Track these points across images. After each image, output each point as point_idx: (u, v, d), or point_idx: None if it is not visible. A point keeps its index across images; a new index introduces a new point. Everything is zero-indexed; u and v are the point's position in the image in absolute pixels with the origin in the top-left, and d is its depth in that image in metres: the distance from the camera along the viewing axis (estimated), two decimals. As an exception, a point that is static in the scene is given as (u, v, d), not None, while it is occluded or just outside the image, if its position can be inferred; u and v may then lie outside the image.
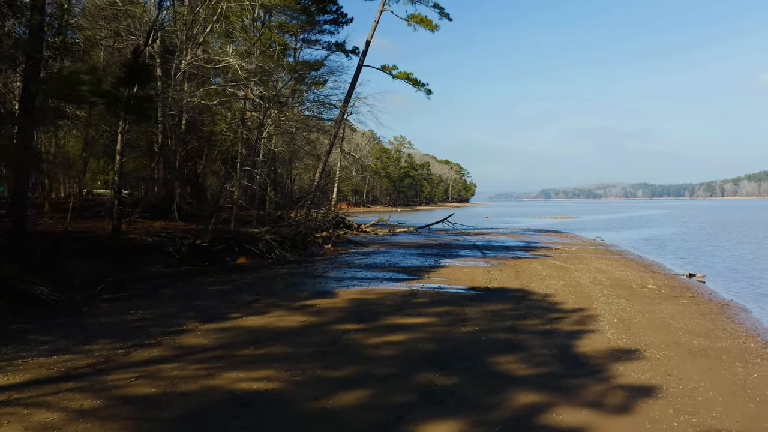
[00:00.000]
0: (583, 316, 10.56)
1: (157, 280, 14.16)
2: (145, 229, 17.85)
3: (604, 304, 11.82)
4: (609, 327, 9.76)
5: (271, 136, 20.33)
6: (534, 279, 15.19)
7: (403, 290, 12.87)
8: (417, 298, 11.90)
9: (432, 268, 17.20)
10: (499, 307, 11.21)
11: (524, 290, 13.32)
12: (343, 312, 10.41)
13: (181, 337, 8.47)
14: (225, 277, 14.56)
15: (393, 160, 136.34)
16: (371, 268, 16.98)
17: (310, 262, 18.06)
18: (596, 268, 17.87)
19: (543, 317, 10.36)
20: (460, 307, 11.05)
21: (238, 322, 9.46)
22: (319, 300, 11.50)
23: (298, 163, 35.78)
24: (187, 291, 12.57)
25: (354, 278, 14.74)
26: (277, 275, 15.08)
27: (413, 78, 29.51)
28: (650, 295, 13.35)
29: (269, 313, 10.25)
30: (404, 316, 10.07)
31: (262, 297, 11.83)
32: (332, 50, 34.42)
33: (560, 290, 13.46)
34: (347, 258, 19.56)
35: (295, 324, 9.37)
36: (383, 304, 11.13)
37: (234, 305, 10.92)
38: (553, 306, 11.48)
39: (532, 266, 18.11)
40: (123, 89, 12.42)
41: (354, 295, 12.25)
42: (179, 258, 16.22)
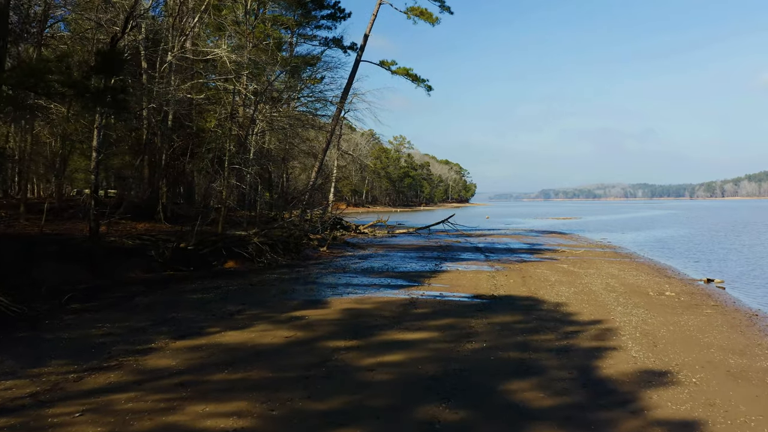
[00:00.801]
0: (602, 330, 9.50)
1: (136, 286, 13.09)
2: (127, 231, 16.77)
3: (623, 315, 10.76)
4: (632, 343, 8.70)
5: (263, 132, 19.26)
6: (542, 285, 14.13)
7: (401, 299, 11.80)
8: (417, 308, 10.83)
9: (433, 273, 16.13)
10: (507, 318, 10.14)
11: (533, 298, 12.25)
12: (335, 325, 9.34)
13: (146, 358, 7.39)
14: (210, 284, 13.49)
15: (392, 160, 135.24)
16: (368, 273, 15.91)
17: (304, 267, 16.99)
18: (608, 273, 16.81)
19: (557, 331, 9.29)
20: (465, 318, 9.98)
21: (215, 338, 8.38)
22: (308, 311, 10.43)
23: (294, 162, 34.70)
24: (166, 300, 11.50)
25: (349, 285, 13.67)
26: (267, 281, 14.01)
27: (413, 74, 28.43)
28: (670, 303, 12.30)
29: (252, 326, 9.18)
30: (402, 331, 9.00)
31: (246, 307, 10.75)
32: (329, 46, 33.39)
33: (572, 298, 12.39)
34: (343, 262, 18.48)
35: (279, 341, 8.29)
36: (379, 316, 10.06)
37: (214, 317, 9.84)
38: (567, 317, 10.42)
39: (539, 271, 17.05)
40: (96, 79, 11.36)
41: (348, 304, 11.18)
42: (162, 262, 15.16)
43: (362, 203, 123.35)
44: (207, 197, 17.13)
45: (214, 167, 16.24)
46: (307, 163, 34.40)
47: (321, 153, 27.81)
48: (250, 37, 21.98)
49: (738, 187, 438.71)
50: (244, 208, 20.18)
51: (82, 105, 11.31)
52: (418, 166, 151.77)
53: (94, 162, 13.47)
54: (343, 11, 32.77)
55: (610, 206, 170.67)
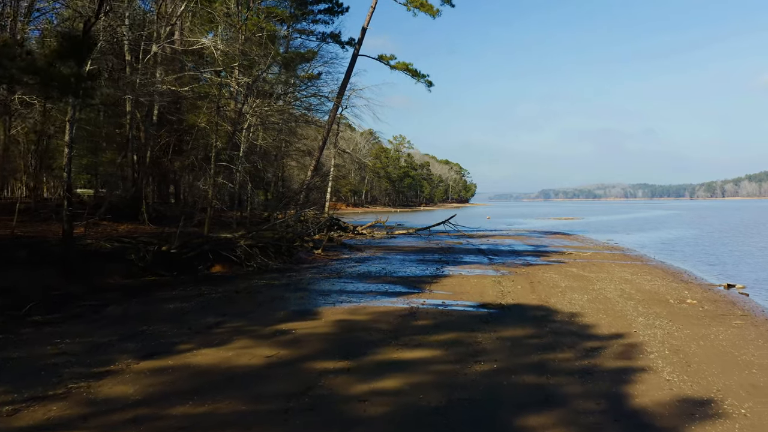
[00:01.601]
0: (626, 346, 8.42)
1: (111, 293, 12.01)
2: (108, 233, 15.70)
3: (645, 327, 9.69)
4: (663, 362, 7.63)
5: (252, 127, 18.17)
6: (553, 292, 13.05)
7: (400, 308, 10.72)
8: (417, 320, 9.75)
9: (434, 277, 15.05)
10: (518, 332, 9.07)
11: (545, 308, 11.17)
12: (324, 341, 8.25)
13: (100, 384, 6.31)
14: (192, 291, 12.41)
15: (392, 160, 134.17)
16: (364, 278, 14.83)
17: (296, 271, 15.90)
18: (620, 278, 15.74)
19: (576, 347, 8.22)
20: (471, 332, 8.90)
21: (185, 358, 7.30)
22: (296, 323, 9.35)
23: (290, 160, 33.61)
24: (140, 310, 10.41)
25: (343, 292, 12.58)
26: (254, 288, 12.93)
27: (413, 69, 27.35)
28: (693, 313, 11.23)
29: (230, 342, 8.10)
30: (401, 348, 7.92)
31: (227, 318, 9.67)
32: (326, 41, 32.31)
33: (587, 307, 11.32)
34: (338, 265, 17.39)
35: (258, 361, 7.21)
36: (375, 329, 8.98)
37: (189, 331, 8.76)
38: (585, 330, 9.34)
39: (548, 275, 15.97)
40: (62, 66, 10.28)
41: (341, 315, 10.10)
42: (142, 267, 14.08)
43: (362, 203, 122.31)
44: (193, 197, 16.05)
45: (200, 164, 15.18)
46: (304, 162, 33.32)
47: (317, 151, 26.74)
48: (243, 30, 20.92)
49: (738, 188, 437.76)
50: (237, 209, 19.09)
51: (45, 95, 10.22)
52: (418, 166, 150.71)
53: (66, 158, 12.39)
54: (341, 5, 31.72)
55: (611, 206, 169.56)
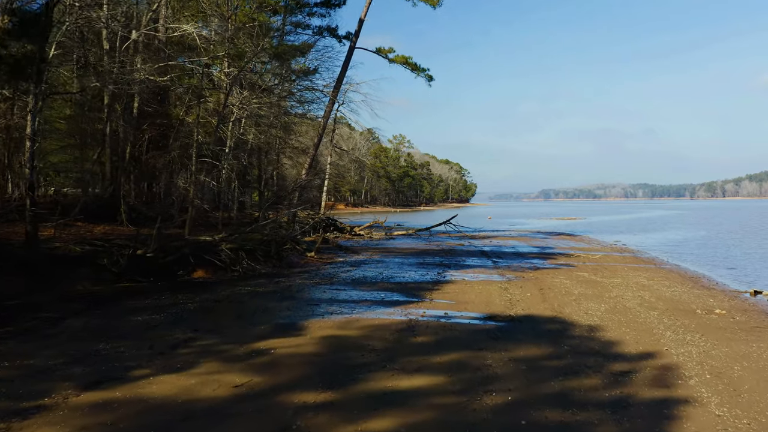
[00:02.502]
0: (659, 368, 7.22)
1: (76, 303, 10.80)
2: (80, 235, 14.48)
3: (676, 344, 8.49)
4: (707, 391, 6.42)
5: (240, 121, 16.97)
6: (566, 300, 11.84)
7: (397, 321, 9.51)
8: (416, 336, 8.53)
9: (435, 284, 13.82)
10: (533, 351, 7.85)
11: (560, 320, 9.96)
12: (307, 364, 7.04)
13: (24, 425, 5.10)
14: (166, 299, 11.19)
15: (392, 160, 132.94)
16: (359, 284, 13.61)
17: (285, 276, 14.69)
18: (637, 284, 14.53)
19: (602, 371, 7.01)
20: (479, 352, 7.69)
21: (137, 388, 6.09)
22: (277, 340, 8.13)
23: (284, 158, 32.39)
24: (102, 323, 9.20)
25: (334, 301, 11.37)
26: (237, 296, 11.71)
27: (412, 62, 26.12)
28: (725, 325, 10.02)
29: (195, 366, 6.88)
30: (397, 373, 6.71)
31: (199, 334, 8.46)
32: (323, 35, 31.07)
33: (606, 319, 10.11)
34: (332, 270, 16.17)
35: (224, 392, 6.00)
36: (367, 348, 7.76)
37: (151, 351, 7.55)
38: (609, 349, 8.13)
39: (557, 280, 14.77)
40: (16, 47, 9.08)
41: (329, 329, 8.88)
42: (116, 272, 12.87)
43: (361, 203, 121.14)
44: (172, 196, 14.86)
45: (181, 160, 13.99)
46: (299, 160, 32.10)
47: (312, 148, 25.53)
48: (233, 20, 19.70)
49: (739, 187, 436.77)
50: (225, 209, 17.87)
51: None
52: (418, 166, 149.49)
53: (28, 152, 11.18)
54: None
55: (612, 206, 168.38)
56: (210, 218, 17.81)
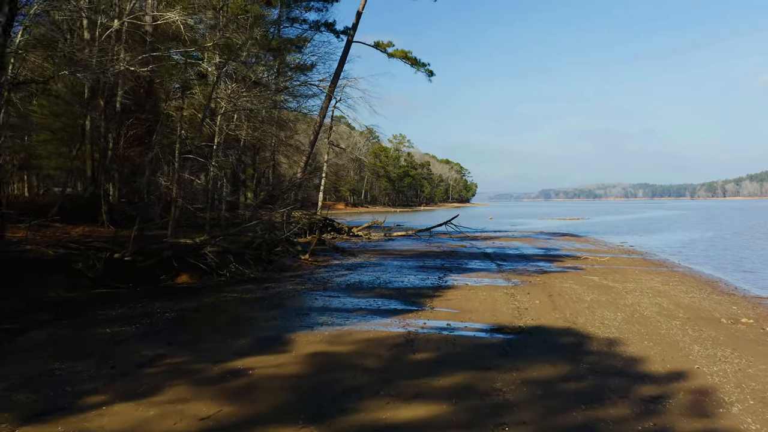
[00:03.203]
0: (694, 392, 6.29)
1: (43, 312, 9.87)
2: (57, 237, 13.54)
3: (707, 360, 7.55)
4: (754, 422, 5.51)
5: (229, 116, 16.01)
6: (578, 308, 10.90)
7: (394, 334, 8.56)
8: (415, 352, 7.59)
9: (436, 289, 12.88)
10: (548, 371, 6.91)
11: (574, 331, 9.02)
12: (289, 389, 6.10)
13: (-67, 475, 4.18)
14: (143, 308, 10.25)
15: (392, 159, 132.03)
16: (354, 290, 12.66)
17: (276, 281, 13.75)
18: (652, 289, 13.59)
19: (629, 396, 6.08)
20: (486, 372, 6.75)
21: (85, 421, 5.15)
22: (258, 358, 7.19)
23: (280, 157, 31.45)
24: (65, 336, 8.27)
25: (326, 309, 10.42)
26: (220, 304, 10.77)
27: (412, 57, 25.20)
28: (756, 337, 9.10)
29: (160, 391, 5.95)
30: (392, 400, 5.77)
31: (172, 350, 7.52)
32: (320, 30, 30.16)
33: (625, 330, 9.18)
34: (326, 273, 15.22)
35: (187, 426, 5.07)
36: (360, 368, 6.82)
37: (113, 371, 6.61)
38: (633, 367, 7.19)
39: (567, 285, 13.83)
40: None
41: (317, 344, 7.94)
42: (92, 277, 11.93)
43: (361, 203, 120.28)
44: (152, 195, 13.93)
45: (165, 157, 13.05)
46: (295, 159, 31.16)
47: (308, 146, 24.58)
48: (224, 11, 18.76)
49: (740, 187, 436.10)
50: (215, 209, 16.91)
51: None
52: (418, 166, 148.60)
53: (-7, 148, 10.28)
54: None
55: (613, 206, 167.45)
56: (200, 218, 16.86)
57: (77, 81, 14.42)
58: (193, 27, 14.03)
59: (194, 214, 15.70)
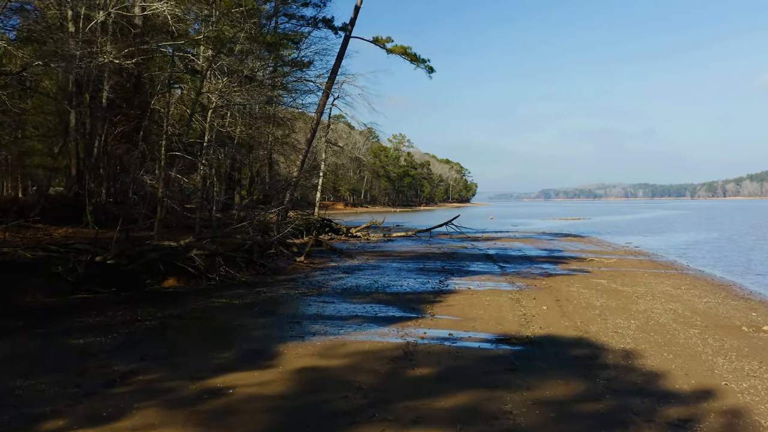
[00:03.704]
0: (725, 413, 5.63)
1: (17, 319, 9.20)
2: (38, 238, 12.89)
3: (734, 375, 6.89)
4: (801, 452, 4.83)
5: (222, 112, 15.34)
6: (589, 315, 10.24)
7: (392, 345, 7.89)
8: (414, 367, 6.92)
9: (437, 294, 12.21)
10: (561, 389, 6.24)
11: (586, 341, 8.36)
12: (272, 412, 5.44)
13: None
14: (123, 315, 9.58)
15: (392, 159, 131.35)
16: (350, 295, 11.99)
17: (268, 285, 13.08)
18: (663, 293, 12.93)
19: (654, 419, 5.42)
20: (493, 391, 6.09)
21: (34, 454, 4.49)
22: (240, 374, 6.52)
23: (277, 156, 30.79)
24: (34, 348, 7.60)
25: (320, 317, 9.75)
26: (206, 311, 10.10)
27: (411, 53, 24.53)
28: (783, 347, 8.43)
29: (127, 415, 5.28)
30: (388, 428, 5.10)
31: (146, 364, 6.85)
32: (318, 26, 29.47)
33: (641, 340, 8.51)
34: (322, 277, 14.56)
35: (151, 461, 4.41)
36: (353, 387, 6.15)
37: (77, 390, 5.94)
38: (654, 384, 6.52)
39: (574, 289, 13.17)
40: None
41: (308, 358, 7.27)
42: (73, 282, 11.27)
43: (361, 203, 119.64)
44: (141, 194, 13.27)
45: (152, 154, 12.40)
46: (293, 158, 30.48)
47: (305, 144, 23.92)
48: (217, 4, 18.09)
49: (740, 187, 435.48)
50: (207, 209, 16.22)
51: None
52: (418, 165, 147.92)
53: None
54: (334, -13, 28.90)
55: (613, 206, 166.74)
56: (190, 220, 16.19)
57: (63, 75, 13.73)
58: (182, 18, 13.35)
59: (186, 214, 15.03)
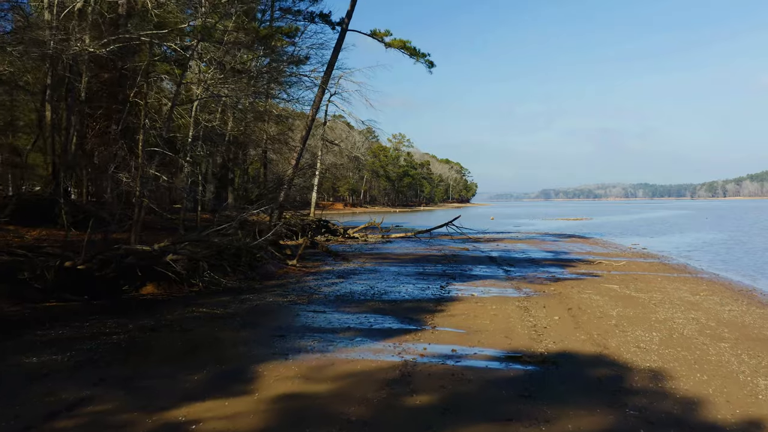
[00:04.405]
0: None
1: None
2: (6, 241, 11.95)
3: (782, 402, 5.94)
4: None
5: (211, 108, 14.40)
6: (606, 327, 9.29)
7: (387, 366, 6.93)
8: (413, 393, 5.97)
9: (438, 302, 11.25)
10: (586, 421, 5.29)
11: (607, 359, 7.41)
12: (240, 457, 4.49)
13: None
14: (90, 328, 8.63)
15: (391, 159, 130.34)
16: (343, 303, 11.03)
17: (256, 291, 12.13)
18: (681, 300, 11.99)
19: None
20: (507, 425, 5.13)
21: None
22: (209, 404, 5.57)
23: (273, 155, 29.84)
24: (-22, 369, 6.65)
25: (308, 329, 8.80)
26: (183, 322, 9.13)
27: (411, 47, 23.59)
28: (827, 364, 7.48)
29: (61, 462, 4.34)
30: (381, 478, 4.16)
31: (100, 391, 5.90)
32: (314, 21, 28.51)
33: (668, 356, 7.57)
34: (314, 282, 13.61)
35: None
36: (340, 419, 5.20)
37: (13, 425, 5.00)
38: (692, 412, 5.58)
39: (585, 296, 12.22)
40: None
41: (289, 381, 6.31)
42: (41, 289, 10.32)
43: (360, 203, 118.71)
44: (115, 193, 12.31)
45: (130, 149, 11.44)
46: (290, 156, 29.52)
47: (300, 142, 22.98)
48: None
49: (740, 187, 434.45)
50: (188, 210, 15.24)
51: None
52: (418, 165, 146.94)
53: None
54: (330, -21, 27.86)
55: (614, 206, 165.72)
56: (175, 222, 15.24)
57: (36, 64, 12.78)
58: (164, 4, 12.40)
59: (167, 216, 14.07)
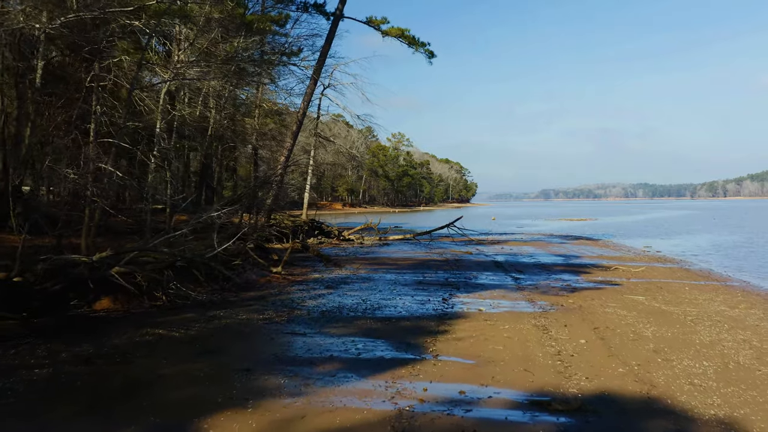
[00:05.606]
0: None
1: None
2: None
3: None
4: None
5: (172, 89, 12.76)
6: (644, 353, 7.66)
7: (376, 417, 5.30)
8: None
9: (440, 320, 9.61)
10: None
11: (660, 404, 5.78)
12: None
13: None
14: (12, 358, 7.00)
15: (391, 159, 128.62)
16: (328, 321, 9.38)
17: (229, 305, 10.49)
18: (721, 315, 10.37)
19: None
20: None
21: None
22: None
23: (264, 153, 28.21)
24: None
25: (279, 360, 7.15)
26: (128, 351, 7.49)
27: (409, 35, 21.96)
28: None
29: None
30: None
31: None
32: (308, 11, 26.90)
33: (733, 398, 5.96)
34: (298, 293, 11.97)
35: None
36: None
37: None
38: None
39: (611, 310, 10.60)
40: None
41: (245, 443, 4.70)
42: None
43: (359, 203, 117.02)
44: (62, 190, 10.71)
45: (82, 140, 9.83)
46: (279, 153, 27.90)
47: (290, 138, 21.36)
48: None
49: (740, 187, 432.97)
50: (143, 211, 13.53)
51: None
52: (418, 165, 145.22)
53: None
54: (325, -34, 26.26)
55: (616, 206, 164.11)
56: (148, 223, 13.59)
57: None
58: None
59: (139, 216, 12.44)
